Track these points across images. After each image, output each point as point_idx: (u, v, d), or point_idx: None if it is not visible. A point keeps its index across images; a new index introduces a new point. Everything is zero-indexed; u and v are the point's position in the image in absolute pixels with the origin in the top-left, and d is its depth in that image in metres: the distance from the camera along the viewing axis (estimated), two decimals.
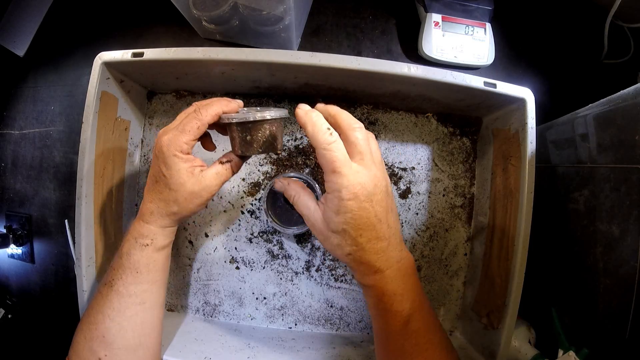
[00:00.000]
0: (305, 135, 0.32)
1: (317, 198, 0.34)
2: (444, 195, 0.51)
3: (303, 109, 0.31)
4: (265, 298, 0.50)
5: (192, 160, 0.33)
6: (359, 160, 0.29)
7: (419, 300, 0.32)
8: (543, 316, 0.47)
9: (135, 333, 0.35)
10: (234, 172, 0.36)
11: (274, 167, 0.50)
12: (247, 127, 0.33)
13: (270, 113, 0.33)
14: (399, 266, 0.31)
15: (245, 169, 0.50)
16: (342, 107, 0.49)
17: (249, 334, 0.48)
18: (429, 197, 0.50)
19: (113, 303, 0.34)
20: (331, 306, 0.50)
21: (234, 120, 0.33)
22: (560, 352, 0.39)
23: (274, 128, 0.34)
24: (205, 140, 0.38)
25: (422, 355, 0.32)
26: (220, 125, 0.36)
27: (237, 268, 0.50)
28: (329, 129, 0.29)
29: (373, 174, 0.29)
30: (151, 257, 0.35)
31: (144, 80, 0.47)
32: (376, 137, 0.50)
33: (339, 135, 0.30)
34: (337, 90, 0.46)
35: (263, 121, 0.33)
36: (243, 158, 0.37)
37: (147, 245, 0.35)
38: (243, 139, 0.34)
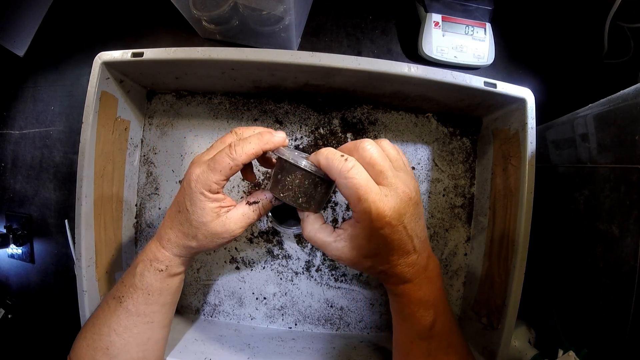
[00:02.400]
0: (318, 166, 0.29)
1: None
2: (444, 195, 0.51)
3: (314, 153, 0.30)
4: (265, 298, 0.50)
5: (220, 200, 0.31)
6: (383, 180, 0.28)
7: (442, 305, 0.33)
8: (543, 316, 0.47)
9: (139, 348, 0.35)
10: (261, 215, 0.33)
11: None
12: (313, 179, 0.29)
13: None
14: (427, 274, 0.31)
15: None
16: (342, 106, 0.50)
17: (249, 334, 0.48)
18: (429, 197, 0.50)
19: (121, 319, 0.34)
20: (331, 306, 0.50)
21: (303, 167, 0.28)
22: (560, 352, 0.39)
23: (331, 191, 0.31)
24: (245, 170, 0.35)
25: (445, 357, 0.32)
26: (263, 158, 0.32)
27: (237, 268, 0.50)
28: (342, 156, 0.28)
29: (401, 191, 0.28)
30: (164, 282, 0.34)
31: (144, 80, 0.47)
32: (376, 138, 0.50)
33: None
34: (337, 90, 0.46)
35: (331, 182, 0.28)
36: (275, 200, 0.32)
37: (162, 270, 0.34)
38: (298, 188, 0.29)
